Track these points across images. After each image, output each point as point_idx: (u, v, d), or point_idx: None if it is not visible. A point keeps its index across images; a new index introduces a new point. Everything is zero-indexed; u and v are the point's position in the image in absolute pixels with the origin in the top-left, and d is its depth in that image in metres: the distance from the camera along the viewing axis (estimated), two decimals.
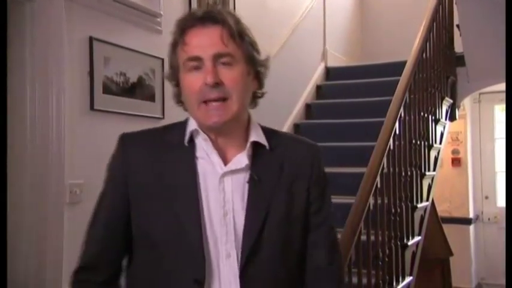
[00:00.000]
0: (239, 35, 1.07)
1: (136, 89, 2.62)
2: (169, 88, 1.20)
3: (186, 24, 1.08)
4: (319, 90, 4.79)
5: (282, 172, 1.11)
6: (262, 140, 1.12)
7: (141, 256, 1.10)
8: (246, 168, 1.09)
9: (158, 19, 2.77)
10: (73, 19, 2.31)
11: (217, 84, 1.03)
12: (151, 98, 2.71)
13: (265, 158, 1.11)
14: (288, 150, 1.15)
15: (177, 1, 3.01)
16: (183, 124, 1.13)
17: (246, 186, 1.08)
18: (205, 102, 1.04)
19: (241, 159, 1.09)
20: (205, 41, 1.05)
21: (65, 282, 1.54)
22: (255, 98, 1.15)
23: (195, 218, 1.04)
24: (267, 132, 1.16)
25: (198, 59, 1.04)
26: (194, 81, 1.05)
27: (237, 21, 1.09)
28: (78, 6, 2.34)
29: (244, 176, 1.08)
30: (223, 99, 1.04)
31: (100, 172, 1.18)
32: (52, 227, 2.13)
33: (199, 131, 1.09)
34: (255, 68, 1.11)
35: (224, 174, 1.07)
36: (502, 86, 3.39)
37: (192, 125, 1.11)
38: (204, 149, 1.09)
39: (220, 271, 1.04)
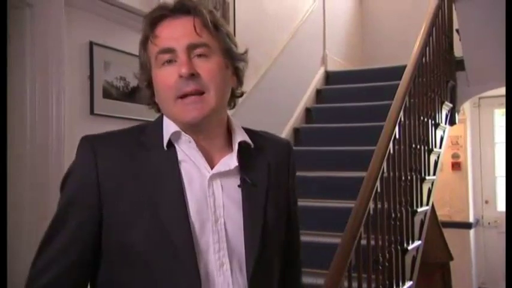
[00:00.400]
0: (214, 25, 0.99)
1: (136, 94, 2.62)
2: None
3: (156, 17, 1.01)
4: (319, 94, 4.79)
5: (270, 172, 1.06)
6: (248, 140, 1.05)
7: (115, 273, 0.97)
8: (235, 170, 1.02)
9: None
10: (73, 24, 2.32)
11: (193, 75, 0.95)
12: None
13: (253, 159, 1.05)
14: (270, 148, 1.10)
15: None
16: (158, 125, 1.04)
17: (239, 190, 1.01)
18: (182, 97, 0.96)
19: (229, 162, 1.02)
20: (177, 32, 0.97)
21: None
22: (233, 97, 1.07)
23: (184, 226, 0.95)
24: (248, 132, 1.08)
25: (170, 50, 0.97)
26: (168, 76, 0.96)
27: (211, 12, 1.01)
28: (78, 11, 2.35)
29: (235, 179, 1.01)
30: (201, 93, 0.96)
31: None
32: None
33: (182, 132, 1.00)
34: (233, 62, 1.03)
35: (212, 177, 0.99)
36: (502, 91, 3.40)
37: (170, 127, 1.01)
38: (186, 153, 1.00)
39: (215, 283, 0.95)
